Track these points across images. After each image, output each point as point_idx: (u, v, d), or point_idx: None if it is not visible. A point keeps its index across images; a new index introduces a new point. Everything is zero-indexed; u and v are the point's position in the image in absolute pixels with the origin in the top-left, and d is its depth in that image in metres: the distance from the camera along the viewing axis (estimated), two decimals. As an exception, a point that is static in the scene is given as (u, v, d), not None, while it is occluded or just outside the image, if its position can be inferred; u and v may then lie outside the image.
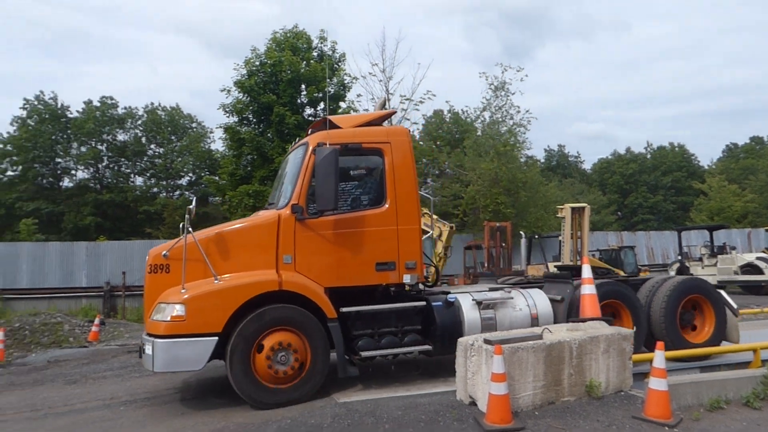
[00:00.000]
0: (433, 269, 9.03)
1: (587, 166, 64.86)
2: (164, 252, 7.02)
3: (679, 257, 25.43)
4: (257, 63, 24.05)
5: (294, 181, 7.45)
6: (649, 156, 62.14)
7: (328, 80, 23.88)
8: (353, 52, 68.71)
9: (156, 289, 6.97)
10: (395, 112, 8.96)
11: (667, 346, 8.36)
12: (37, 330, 16.26)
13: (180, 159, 41.77)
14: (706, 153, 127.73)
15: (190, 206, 6.99)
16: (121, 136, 41.02)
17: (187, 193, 42.01)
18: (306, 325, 6.97)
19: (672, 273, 25.13)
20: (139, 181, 42.25)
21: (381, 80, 28.02)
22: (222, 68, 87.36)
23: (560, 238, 17.52)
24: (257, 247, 7.20)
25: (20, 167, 36.60)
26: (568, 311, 8.13)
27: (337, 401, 6.87)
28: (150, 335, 6.68)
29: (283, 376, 6.81)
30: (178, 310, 6.60)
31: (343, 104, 25.24)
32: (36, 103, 37.41)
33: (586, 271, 7.74)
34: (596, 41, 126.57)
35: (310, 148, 7.40)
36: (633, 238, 32.24)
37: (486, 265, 21.27)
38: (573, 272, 9.82)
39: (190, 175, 42.18)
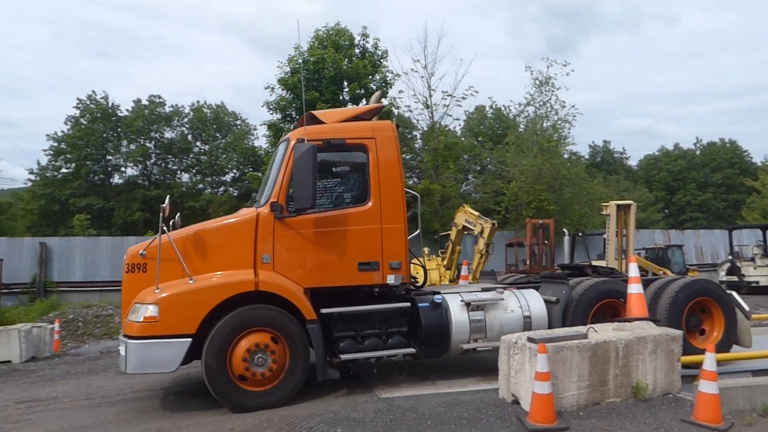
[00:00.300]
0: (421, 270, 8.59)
1: (633, 162, 63.26)
2: (141, 251, 6.85)
3: (730, 257, 24.64)
4: (300, 61, 24.35)
5: (274, 178, 7.24)
6: (698, 152, 60.20)
7: (370, 77, 24.03)
8: (395, 48, 68.67)
9: (133, 289, 6.80)
10: (383, 106, 8.64)
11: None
12: (90, 322, 16.90)
13: (224, 156, 42.54)
14: (760, 149, 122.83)
15: (164, 204, 6.78)
16: (168, 134, 42.00)
17: (231, 189, 42.77)
18: (285, 327, 6.79)
19: (722, 273, 24.38)
20: (185, 177, 43.20)
21: (423, 76, 28.02)
22: (265, 66, 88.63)
23: (605, 236, 17.17)
24: (235, 247, 7.00)
25: (74, 164, 37.90)
26: (564, 313, 7.83)
27: (379, 396, 6.93)
28: (125, 336, 6.62)
29: (260, 379, 6.65)
30: (151, 310, 6.49)
31: (384, 101, 25.32)
32: (88, 102, 38.66)
33: (633, 270, 7.58)
34: (643, 34, 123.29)
35: (291, 144, 7.16)
36: (681, 236, 31.36)
37: (528, 262, 21.04)
38: (575, 272, 9.63)
39: (234, 171, 42.90)
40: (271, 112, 24.84)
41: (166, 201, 6.89)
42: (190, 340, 6.50)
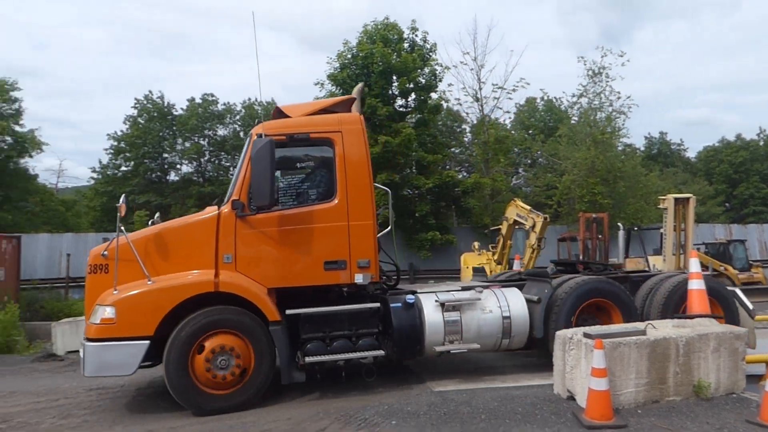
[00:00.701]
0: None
1: (691, 154, 61.06)
2: (103, 251, 6.70)
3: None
4: (349, 56, 24.52)
5: (236, 175, 7.07)
6: (762, 143, 57.57)
7: (419, 70, 23.97)
8: (444, 41, 68.21)
9: (96, 291, 6.64)
10: (354, 98, 8.25)
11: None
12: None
13: (275, 152, 43.34)
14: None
15: (118, 204, 6.67)
16: (221, 131, 43.08)
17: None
18: (249, 328, 6.61)
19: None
20: (237, 174, 44.23)
21: (472, 69, 27.84)
22: (313, 63, 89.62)
23: (662, 230, 16.64)
24: (197, 246, 6.80)
25: (132, 163, 39.35)
26: (547, 313, 7.48)
27: (432, 390, 6.98)
28: (85, 338, 6.51)
29: (222, 381, 6.49)
30: (108, 312, 6.36)
31: (434, 94, 25.27)
32: (145, 102, 40.02)
33: (694, 265, 7.38)
34: (700, 21, 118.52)
35: (252, 139, 6.94)
36: (743, 231, 30.13)
37: (581, 257, 20.64)
38: (567, 269, 9.15)
39: (285, 167, 43.65)
40: (321, 108, 25.20)
41: (121, 200, 6.80)
42: (147, 342, 6.37)
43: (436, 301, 7.33)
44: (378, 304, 7.17)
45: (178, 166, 42.38)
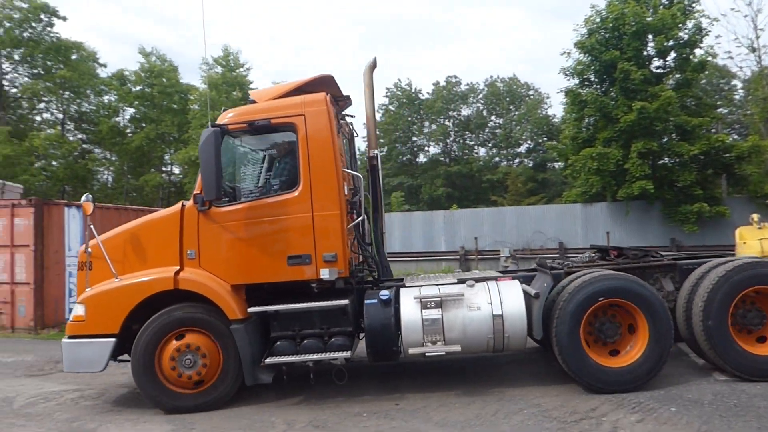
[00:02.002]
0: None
1: None
2: (87, 249, 6.75)
3: None
4: (597, 20, 23.11)
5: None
6: None
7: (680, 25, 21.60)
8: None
9: (82, 287, 6.80)
10: (331, 76, 7.38)
11: (713, 363, 6.46)
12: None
13: (518, 127, 43.01)
14: None
15: (85, 201, 6.77)
16: (465, 111, 44.20)
17: (526, 160, 43.10)
18: (215, 327, 6.40)
19: None
20: (482, 151, 45.02)
21: (746, 15, 24.14)
22: (550, 34, 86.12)
23: None
24: (163, 242, 6.68)
25: (386, 148, 42.61)
26: (547, 312, 6.47)
27: (716, 378, 6.43)
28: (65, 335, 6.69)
29: (188, 380, 6.35)
30: (79, 310, 6.53)
31: (699, 51, 22.54)
32: (395, 90, 42.91)
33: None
34: None
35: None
36: None
37: None
38: (604, 255, 7.68)
39: (529, 142, 43.13)
40: (568, 78, 24.20)
41: (83, 198, 6.85)
42: (113, 340, 6.39)
43: (415, 297, 6.55)
44: (346, 301, 6.51)
45: (426, 148, 44.68)
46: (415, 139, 43.97)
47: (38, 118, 39.15)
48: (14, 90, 36.56)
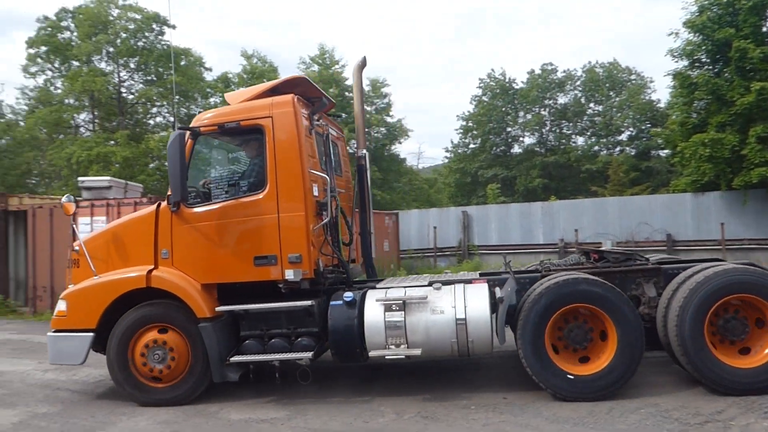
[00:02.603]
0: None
1: None
2: (75, 247, 7.10)
3: None
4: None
5: None
6: None
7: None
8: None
9: (72, 283, 7.16)
10: (304, 78, 7.59)
11: (691, 375, 6.07)
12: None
13: (619, 114, 41.11)
14: None
15: (66, 201, 7.06)
16: (561, 99, 42.80)
17: (627, 148, 41.10)
18: (183, 324, 6.58)
19: None
20: (580, 141, 43.44)
21: None
22: (652, 15, 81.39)
23: None
24: (141, 242, 6.89)
25: (479, 139, 42.14)
26: (510, 317, 6.34)
27: None
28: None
29: (159, 375, 6.56)
30: (61, 305, 6.90)
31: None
32: (488, 80, 42.25)
33: None
34: None
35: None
36: None
37: None
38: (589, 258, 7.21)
39: (631, 129, 41.10)
40: (676, 60, 22.82)
41: (64, 199, 7.17)
42: (92, 335, 6.70)
43: (378, 299, 6.45)
44: (310, 302, 6.51)
45: (521, 139, 43.71)
46: (509, 129, 43.13)
47: (152, 122, 42.03)
48: (131, 96, 39.46)
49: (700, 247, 20.57)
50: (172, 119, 40.85)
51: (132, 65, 37.99)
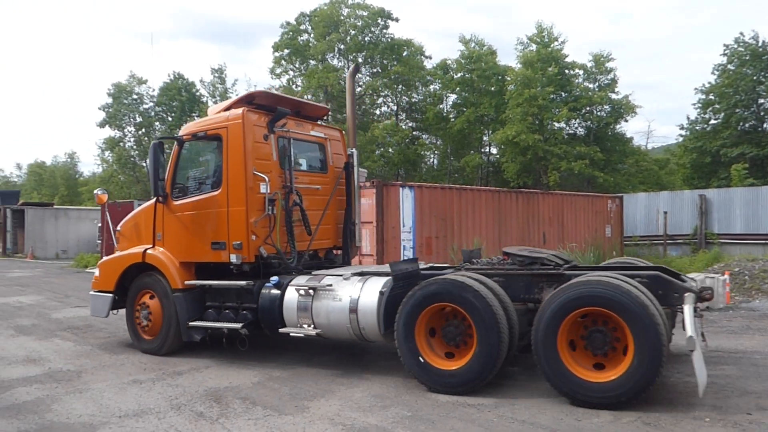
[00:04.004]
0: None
1: None
2: (118, 228, 9.45)
3: None
4: None
5: None
6: None
7: None
8: None
9: None
10: (263, 91, 8.89)
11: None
12: (757, 276, 16.31)
13: None
14: None
15: (99, 193, 9.84)
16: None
17: None
18: (162, 292, 8.32)
19: None
20: None
21: None
22: None
23: None
24: (148, 226, 8.71)
25: (722, 114, 37.08)
26: (386, 310, 6.75)
27: None
28: None
29: (144, 330, 8.56)
30: (96, 272, 9.28)
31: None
32: (736, 46, 36.88)
33: None
34: None
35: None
36: None
37: None
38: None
39: None
40: None
41: (97, 191, 9.98)
42: (111, 296, 8.82)
43: (293, 284, 7.52)
44: (245, 282, 7.76)
45: (777, 112, 37.45)
46: (761, 101, 37.19)
47: (377, 112, 44.80)
48: (359, 89, 42.50)
49: None
50: (395, 107, 43.23)
51: (360, 59, 40.80)
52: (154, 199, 8.60)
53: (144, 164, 47.31)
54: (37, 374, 7.44)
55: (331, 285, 7.24)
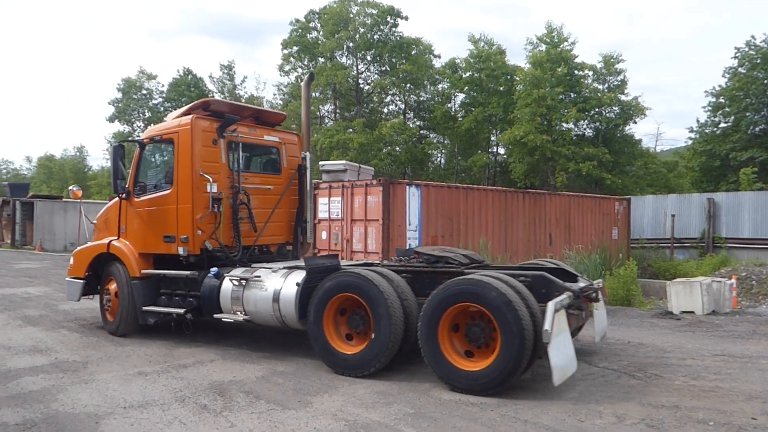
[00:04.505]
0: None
1: None
2: (93, 221, 10.37)
3: None
4: None
5: None
6: None
7: None
8: None
9: None
10: (217, 100, 9.89)
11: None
12: (764, 281, 16.21)
13: None
14: None
15: (74, 189, 10.75)
16: None
17: None
18: (121, 279, 9.14)
19: None
20: None
21: None
22: None
23: None
24: (114, 219, 9.51)
25: (732, 117, 36.83)
26: (301, 300, 7.33)
27: None
28: None
29: (108, 312, 9.46)
30: (71, 260, 10.14)
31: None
32: (747, 49, 36.62)
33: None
34: None
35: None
36: None
37: None
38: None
39: None
40: None
41: (71, 187, 10.97)
42: (82, 282, 9.72)
43: (227, 274, 8.27)
44: (190, 272, 8.53)
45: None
46: (774, 105, 36.93)
47: (385, 110, 44.78)
48: (367, 87, 42.48)
49: None
50: (402, 106, 43.17)
51: (368, 57, 40.77)
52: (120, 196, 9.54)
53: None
54: (43, 364, 7.49)
55: (260, 277, 7.95)
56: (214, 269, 8.43)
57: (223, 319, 8.23)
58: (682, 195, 26.80)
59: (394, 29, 40.54)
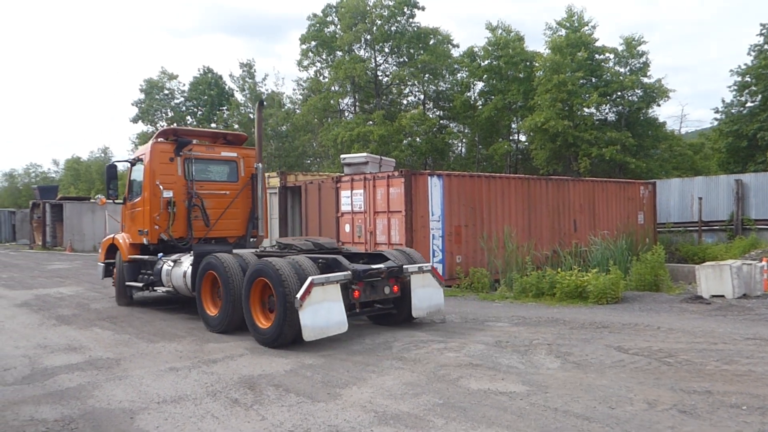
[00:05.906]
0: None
1: None
2: (118, 219, 13.54)
3: None
4: None
5: None
6: None
7: None
8: None
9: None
10: (180, 128, 12.64)
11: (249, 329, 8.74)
12: None
13: None
14: None
15: (100, 197, 13.02)
16: None
17: None
18: (118, 263, 12.53)
19: None
20: None
21: None
22: None
23: None
24: (121, 218, 13.06)
25: (759, 97, 35.96)
26: (192, 276, 10.15)
27: None
28: None
29: (114, 288, 12.98)
30: (100, 248, 13.78)
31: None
32: (773, 26, 35.63)
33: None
34: None
35: None
36: None
37: None
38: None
39: None
40: None
41: (98, 196, 15.43)
42: (103, 265, 13.32)
43: (168, 258, 11.18)
44: (148, 256, 11.88)
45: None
46: (802, 82, 35.94)
47: (404, 101, 44.63)
48: (386, 79, 42.36)
49: None
50: (422, 97, 42.99)
51: (386, 49, 40.64)
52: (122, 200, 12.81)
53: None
54: (78, 362, 7.67)
55: (180, 259, 10.85)
56: (160, 254, 11.50)
57: (159, 291, 11.36)
58: (709, 177, 26.29)
59: (411, 20, 40.33)
